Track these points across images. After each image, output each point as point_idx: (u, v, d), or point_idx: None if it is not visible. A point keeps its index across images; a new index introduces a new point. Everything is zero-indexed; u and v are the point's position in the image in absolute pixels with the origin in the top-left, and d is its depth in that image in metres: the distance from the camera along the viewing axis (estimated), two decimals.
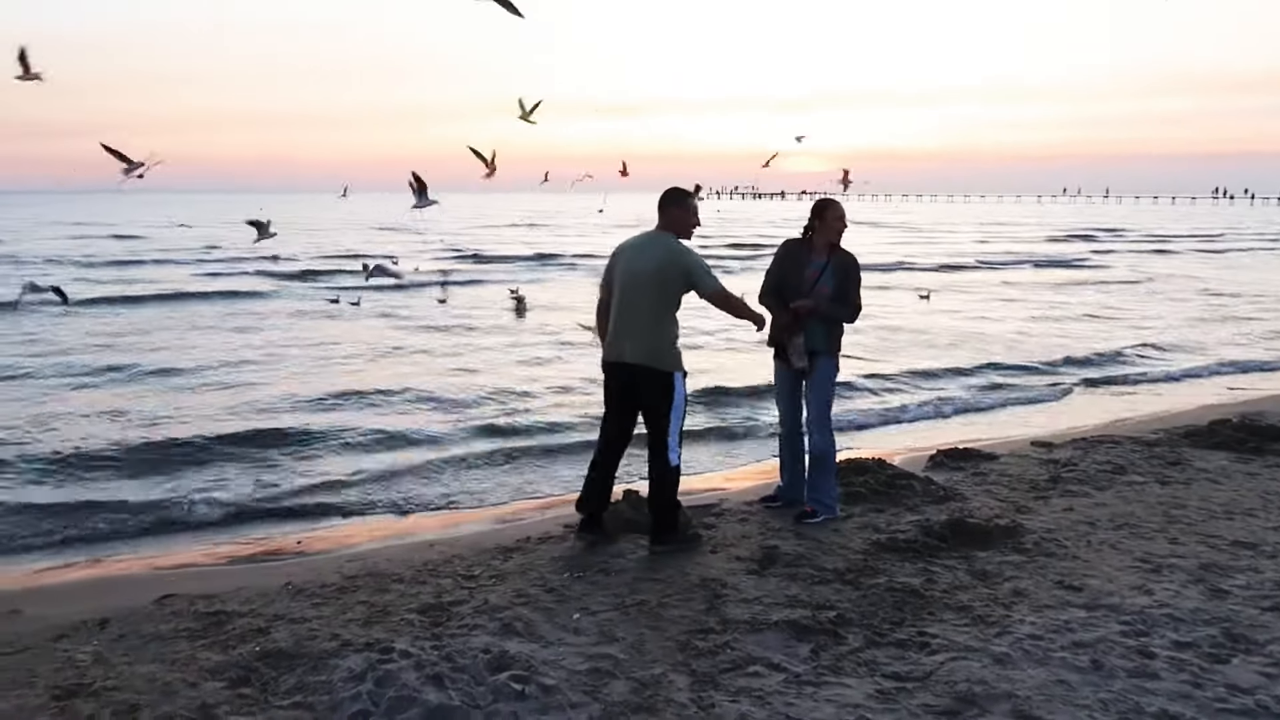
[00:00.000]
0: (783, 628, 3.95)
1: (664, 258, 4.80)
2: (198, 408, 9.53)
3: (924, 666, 3.60)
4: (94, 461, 7.62)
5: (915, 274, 26.84)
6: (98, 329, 15.20)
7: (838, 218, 5.42)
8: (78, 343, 13.76)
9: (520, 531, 5.53)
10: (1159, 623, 3.96)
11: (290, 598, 4.45)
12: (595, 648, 3.79)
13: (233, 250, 30.46)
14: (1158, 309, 19.52)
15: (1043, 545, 4.98)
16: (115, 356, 12.45)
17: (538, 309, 17.19)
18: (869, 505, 5.72)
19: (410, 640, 3.81)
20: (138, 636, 4.03)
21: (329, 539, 6.00)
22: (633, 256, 4.89)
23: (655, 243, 4.89)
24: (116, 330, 15.22)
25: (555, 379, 11.35)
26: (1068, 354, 13.30)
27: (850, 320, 5.43)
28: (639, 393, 4.87)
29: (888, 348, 13.76)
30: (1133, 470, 6.61)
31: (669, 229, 4.94)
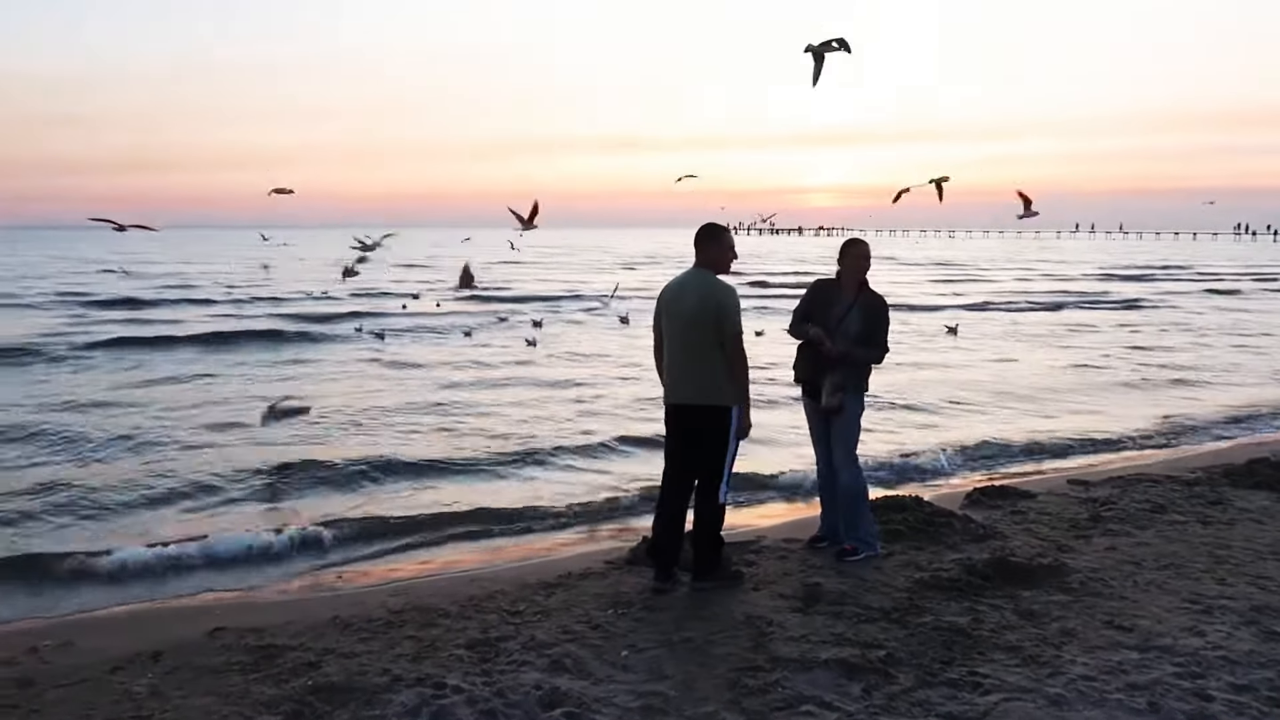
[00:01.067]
0: (832, 666, 3.94)
1: (703, 295, 4.85)
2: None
3: (978, 707, 3.58)
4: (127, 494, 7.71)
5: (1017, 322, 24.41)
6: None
7: (860, 256, 5.47)
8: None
9: (561, 567, 5.54)
10: (1214, 665, 3.92)
11: (339, 632, 4.49)
12: (645, 685, 3.80)
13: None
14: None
15: (1088, 585, 4.95)
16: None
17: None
18: (909, 543, 5.71)
19: (461, 676, 3.83)
20: (191, 669, 4.07)
21: (370, 573, 6.03)
22: (674, 297, 4.95)
23: (695, 281, 4.94)
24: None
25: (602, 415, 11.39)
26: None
27: (877, 362, 5.45)
28: (695, 430, 4.90)
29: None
30: (1173, 509, 6.56)
31: (707, 266, 4.99)
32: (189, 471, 8.40)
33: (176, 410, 11.35)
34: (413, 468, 8.68)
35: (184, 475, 8.27)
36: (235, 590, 5.70)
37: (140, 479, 8.15)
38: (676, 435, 4.98)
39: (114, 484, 7.97)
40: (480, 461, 8.99)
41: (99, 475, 8.27)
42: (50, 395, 12.38)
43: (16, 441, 9.56)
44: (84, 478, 8.18)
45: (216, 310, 25.19)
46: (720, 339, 4.83)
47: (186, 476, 8.23)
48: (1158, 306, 28.87)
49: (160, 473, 8.36)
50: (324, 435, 9.95)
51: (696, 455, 4.92)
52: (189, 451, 9.18)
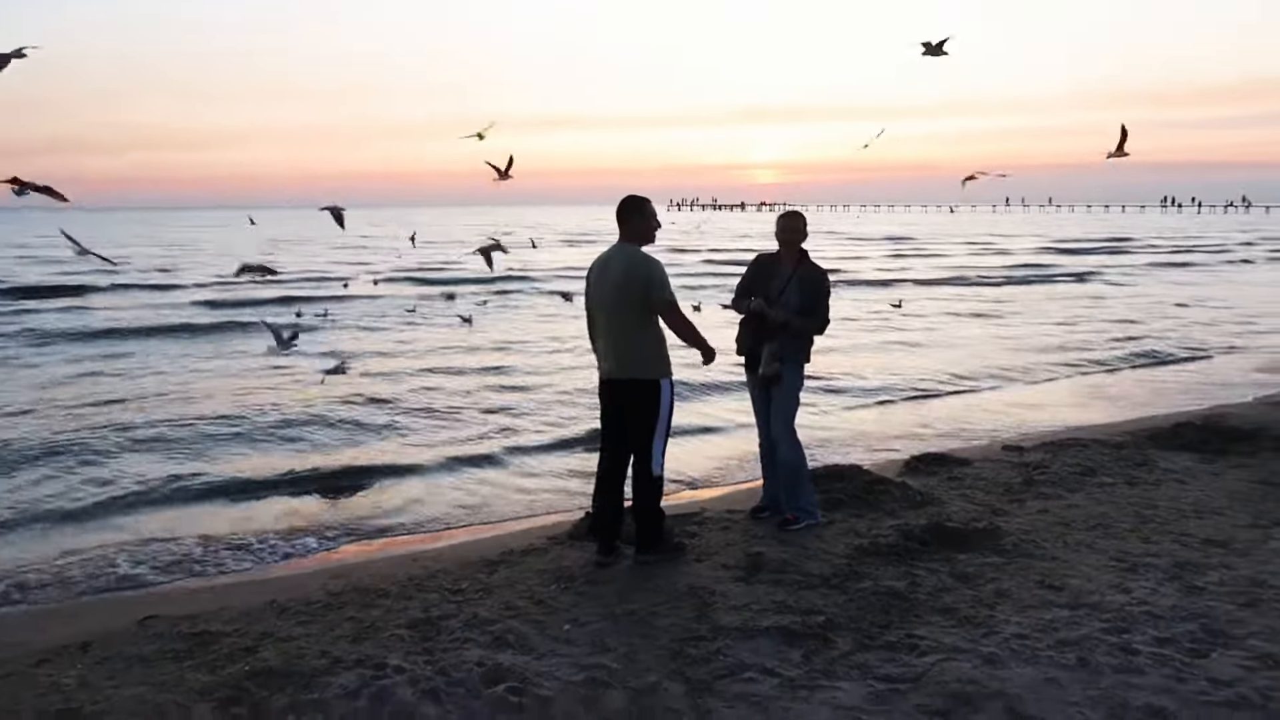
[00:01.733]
0: (773, 633, 3.99)
1: (626, 269, 4.83)
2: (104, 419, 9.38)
3: (915, 668, 3.65)
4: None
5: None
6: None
7: (784, 229, 5.52)
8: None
9: (503, 544, 5.51)
10: (1139, 620, 4.05)
11: (276, 616, 4.41)
12: (589, 658, 3.80)
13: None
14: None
15: (1021, 546, 5.07)
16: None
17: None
18: (849, 511, 5.79)
19: (403, 656, 3.79)
20: (122, 659, 3.96)
21: (310, 557, 5.93)
22: (600, 272, 4.92)
23: (618, 255, 4.91)
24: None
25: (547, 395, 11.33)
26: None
27: (817, 332, 5.48)
28: (627, 404, 4.89)
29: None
30: (1102, 472, 6.75)
31: (632, 239, 4.96)
32: (118, 465, 8.16)
33: (100, 403, 11.00)
34: (351, 450, 8.55)
35: (115, 468, 8.04)
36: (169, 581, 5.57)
37: (69, 473, 7.90)
38: (610, 410, 4.97)
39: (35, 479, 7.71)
40: (421, 441, 8.89)
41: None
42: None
43: None
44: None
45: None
46: (650, 311, 4.82)
47: (118, 469, 8.00)
48: (1107, 279, 29.40)
49: (94, 466, 8.11)
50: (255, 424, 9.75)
51: (630, 429, 4.91)
52: (114, 444, 8.91)
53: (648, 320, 4.85)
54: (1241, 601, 4.25)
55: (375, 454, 8.43)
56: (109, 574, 5.65)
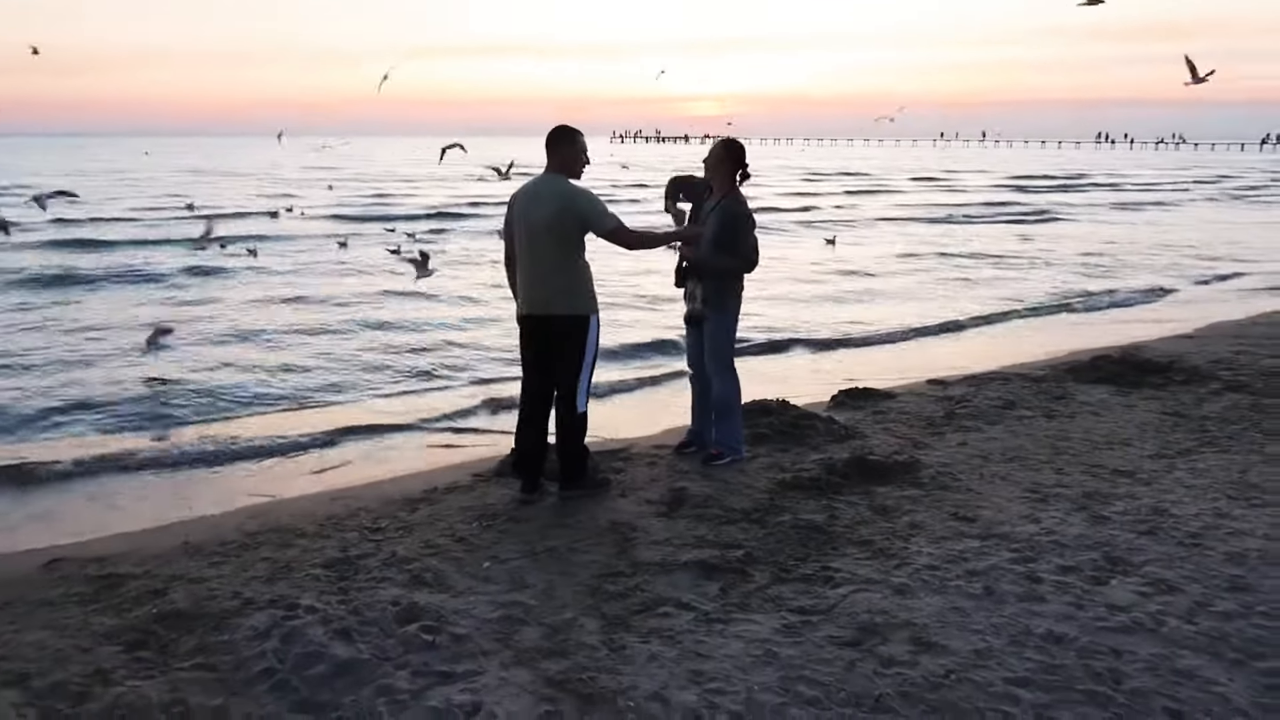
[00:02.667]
0: (692, 568, 4.02)
1: (558, 203, 4.71)
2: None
3: (828, 599, 3.71)
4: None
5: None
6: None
7: (707, 156, 5.39)
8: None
9: (427, 482, 5.46)
10: (1045, 549, 4.17)
11: (188, 557, 4.32)
12: (506, 595, 3.79)
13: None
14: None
15: (939, 479, 5.17)
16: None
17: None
18: (774, 445, 5.84)
19: (316, 596, 3.74)
20: (24, 604, 3.85)
21: (225, 498, 5.81)
22: (527, 204, 4.78)
23: (549, 187, 4.78)
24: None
25: (471, 329, 11.18)
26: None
27: (736, 270, 5.32)
28: (553, 340, 4.82)
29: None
30: (1022, 405, 6.90)
31: (560, 170, 4.84)
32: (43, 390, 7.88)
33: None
34: (280, 381, 8.36)
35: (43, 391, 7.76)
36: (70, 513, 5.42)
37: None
38: (534, 346, 4.89)
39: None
40: (346, 375, 8.74)
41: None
42: None
43: None
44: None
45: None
46: (580, 245, 4.75)
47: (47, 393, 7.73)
48: (1059, 218, 29.05)
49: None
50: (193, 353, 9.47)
51: (555, 365, 4.86)
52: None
53: (576, 254, 4.77)
54: (1142, 530, 4.40)
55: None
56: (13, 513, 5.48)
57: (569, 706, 2.96)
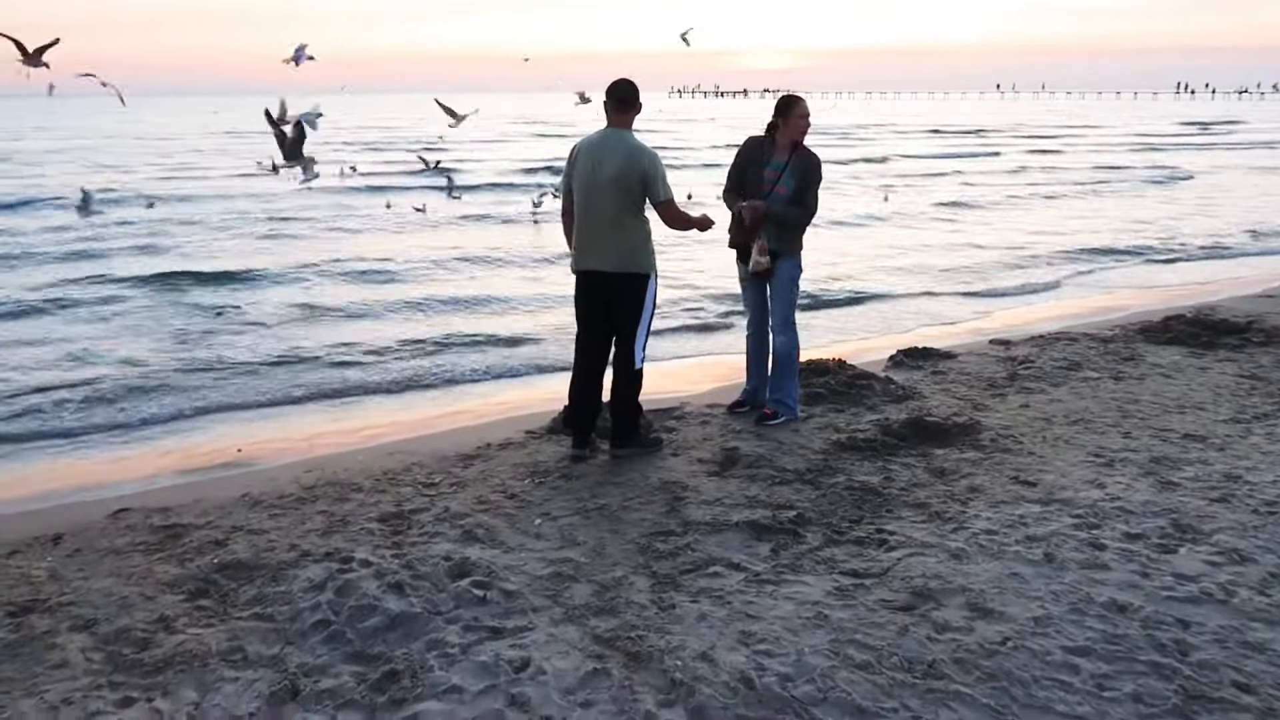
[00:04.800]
0: (743, 528, 3.98)
1: (625, 160, 4.64)
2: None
3: (881, 563, 3.65)
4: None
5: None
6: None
7: (801, 115, 5.27)
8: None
9: (480, 438, 5.49)
10: (1110, 515, 4.04)
11: (248, 509, 4.41)
12: (557, 552, 3.80)
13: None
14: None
15: (999, 442, 5.05)
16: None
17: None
18: (829, 405, 5.75)
19: (370, 549, 3.79)
20: (93, 551, 3.98)
21: (281, 444, 5.92)
22: (592, 159, 4.71)
23: (615, 142, 4.71)
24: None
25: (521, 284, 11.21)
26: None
27: (804, 222, 5.32)
28: (611, 298, 4.77)
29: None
30: (1088, 366, 6.69)
31: (625, 125, 4.77)
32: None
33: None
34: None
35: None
36: (139, 463, 5.58)
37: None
38: (591, 301, 4.85)
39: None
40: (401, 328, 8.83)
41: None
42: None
43: None
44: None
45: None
46: (642, 204, 4.68)
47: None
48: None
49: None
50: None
51: (612, 322, 4.82)
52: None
53: (640, 212, 4.73)
54: (1214, 497, 4.24)
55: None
56: (82, 465, 5.66)
57: (617, 664, 2.96)
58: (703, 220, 4.94)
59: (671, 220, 4.82)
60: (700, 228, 4.95)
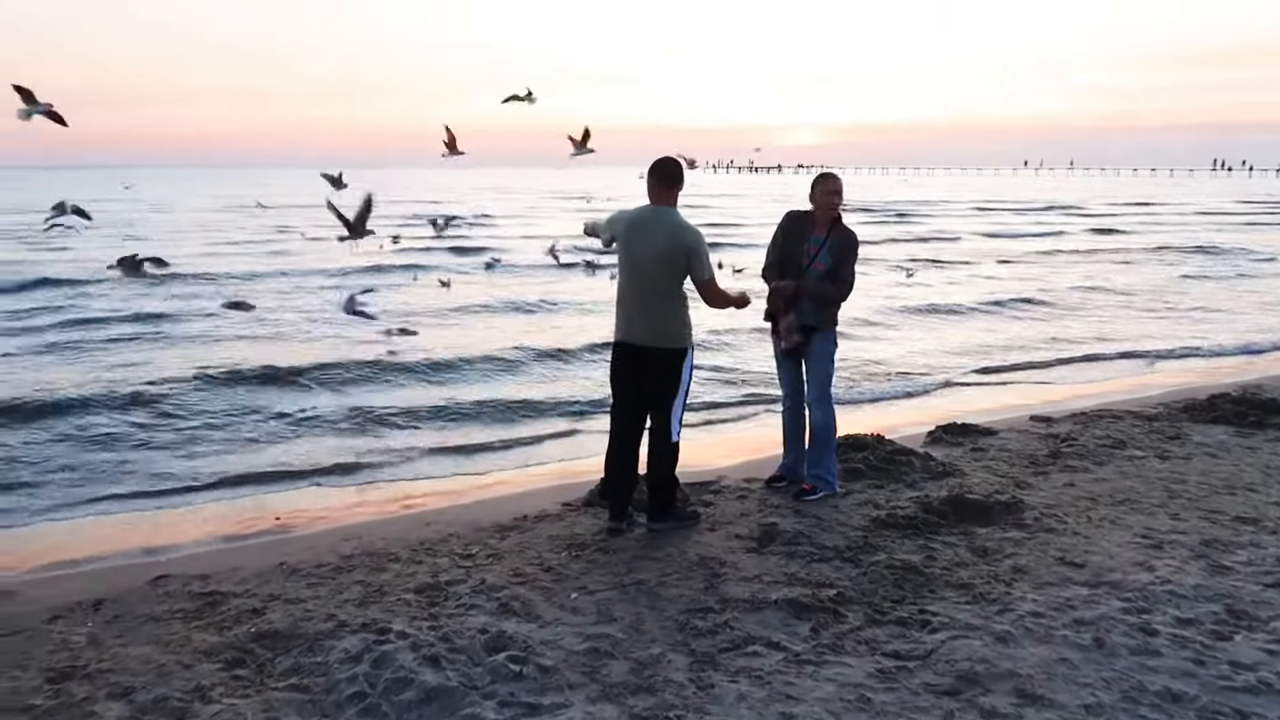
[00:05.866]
0: (782, 606, 3.92)
1: (673, 238, 4.72)
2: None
3: (925, 645, 3.57)
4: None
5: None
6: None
7: (828, 192, 5.35)
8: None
9: (517, 508, 5.49)
10: (1161, 600, 3.93)
11: (286, 578, 4.42)
12: (593, 628, 3.76)
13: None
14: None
15: (1043, 521, 4.95)
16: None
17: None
18: (868, 481, 5.69)
19: (407, 620, 3.78)
20: (132, 618, 4.00)
21: (319, 512, 5.96)
22: (636, 234, 4.78)
23: (659, 220, 4.78)
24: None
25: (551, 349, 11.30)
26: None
27: (840, 298, 5.35)
28: (649, 371, 4.80)
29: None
30: (1133, 445, 6.58)
31: (669, 203, 4.85)
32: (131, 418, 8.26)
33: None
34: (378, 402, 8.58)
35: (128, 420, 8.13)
36: (179, 530, 5.62)
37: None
38: (628, 374, 4.87)
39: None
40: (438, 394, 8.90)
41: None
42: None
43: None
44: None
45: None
46: (682, 279, 4.75)
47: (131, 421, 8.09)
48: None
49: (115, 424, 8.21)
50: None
51: (649, 395, 4.84)
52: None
53: (681, 289, 4.81)
54: (1269, 582, 4.11)
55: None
56: (127, 532, 5.72)
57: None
58: (740, 298, 4.98)
59: (712, 299, 4.86)
60: (737, 306, 4.98)
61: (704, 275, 4.76)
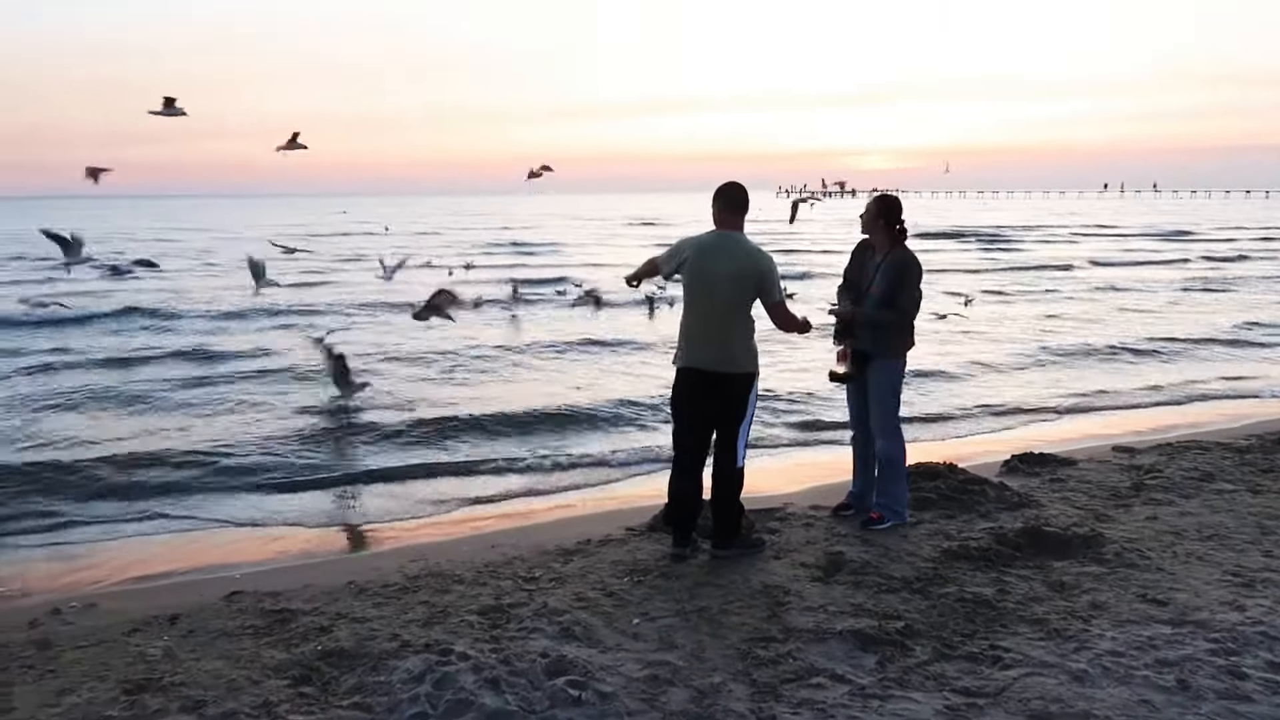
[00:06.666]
0: (847, 638, 3.83)
1: (746, 262, 4.70)
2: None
3: (996, 682, 3.45)
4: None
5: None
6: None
7: (863, 213, 5.35)
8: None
9: (581, 532, 5.49)
10: (1252, 641, 3.73)
11: (353, 597, 4.49)
12: (654, 654, 3.73)
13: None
14: None
15: (1124, 556, 4.75)
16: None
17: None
18: (939, 511, 5.55)
19: (469, 642, 3.79)
20: (206, 633, 4.10)
21: (391, 536, 6.05)
22: (707, 260, 4.76)
23: (730, 245, 4.76)
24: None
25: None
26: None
27: (892, 322, 5.19)
28: (717, 397, 4.78)
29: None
30: (1222, 478, 6.29)
31: (738, 228, 4.84)
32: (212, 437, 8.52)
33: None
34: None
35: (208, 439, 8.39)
36: (254, 549, 5.76)
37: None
38: (694, 399, 4.83)
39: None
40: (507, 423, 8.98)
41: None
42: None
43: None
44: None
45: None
46: (751, 305, 4.74)
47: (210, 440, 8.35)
48: None
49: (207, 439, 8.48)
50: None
51: (715, 421, 4.80)
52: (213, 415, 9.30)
53: (749, 313, 4.78)
54: None
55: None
56: (205, 548, 5.89)
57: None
58: (804, 323, 4.95)
59: (782, 322, 4.85)
60: (801, 330, 4.96)
61: (776, 298, 4.75)
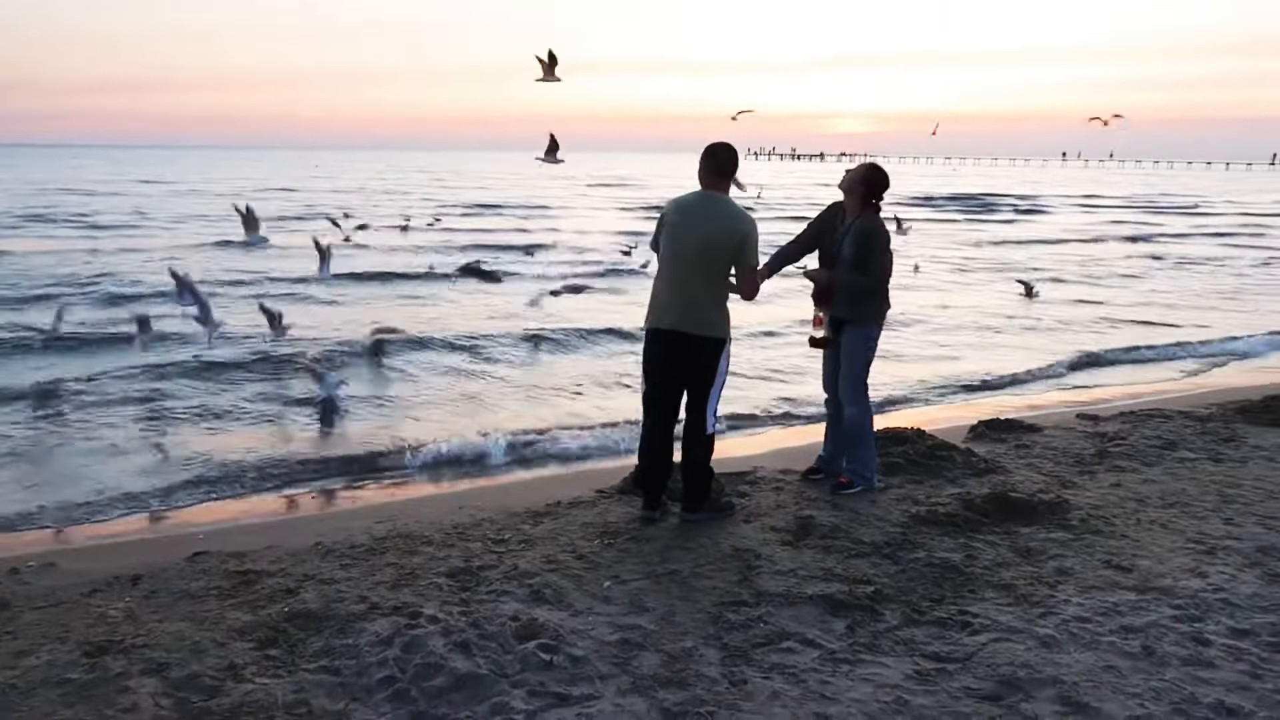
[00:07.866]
0: (818, 602, 3.85)
1: (728, 224, 4.63)
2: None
3: (965, 647, 3.48)
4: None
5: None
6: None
7: (842, 180, 5.28)
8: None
9: (550, 494, 5.45)
10: (1214, 608, 3.80)
11: (320, 558, 4.42)
12: (625, 618, 3.71)
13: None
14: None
15: (1089, 523, 4.81)
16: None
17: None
18: (907, 477, 5.58)
19: (438, 605, 3.75)
20: (169, 594, 4.02)
21: (357, 497, 5.98)
22: (687, 220, 4.68)
23: (712, 205, 4.69)
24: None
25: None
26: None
27: (867, 290, 5.14)
28: (688, 360, 4.73)
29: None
30: (1184, 446, 6.39)
31: (723, 190, 4.76)
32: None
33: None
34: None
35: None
36: (220, 509, 5.67)
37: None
38: (665, 362, 4.77)
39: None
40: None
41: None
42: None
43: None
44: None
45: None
46: (729, 268, 4.67)
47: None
48: None
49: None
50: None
51: (686, 384, 4.76)
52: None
53: (726, 277, 4.72)
54: None
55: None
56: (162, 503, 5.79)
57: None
58: (763, 272, 4.96)
59: (750, 286, 4.79)
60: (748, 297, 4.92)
61: (752, 261, 4.69)
